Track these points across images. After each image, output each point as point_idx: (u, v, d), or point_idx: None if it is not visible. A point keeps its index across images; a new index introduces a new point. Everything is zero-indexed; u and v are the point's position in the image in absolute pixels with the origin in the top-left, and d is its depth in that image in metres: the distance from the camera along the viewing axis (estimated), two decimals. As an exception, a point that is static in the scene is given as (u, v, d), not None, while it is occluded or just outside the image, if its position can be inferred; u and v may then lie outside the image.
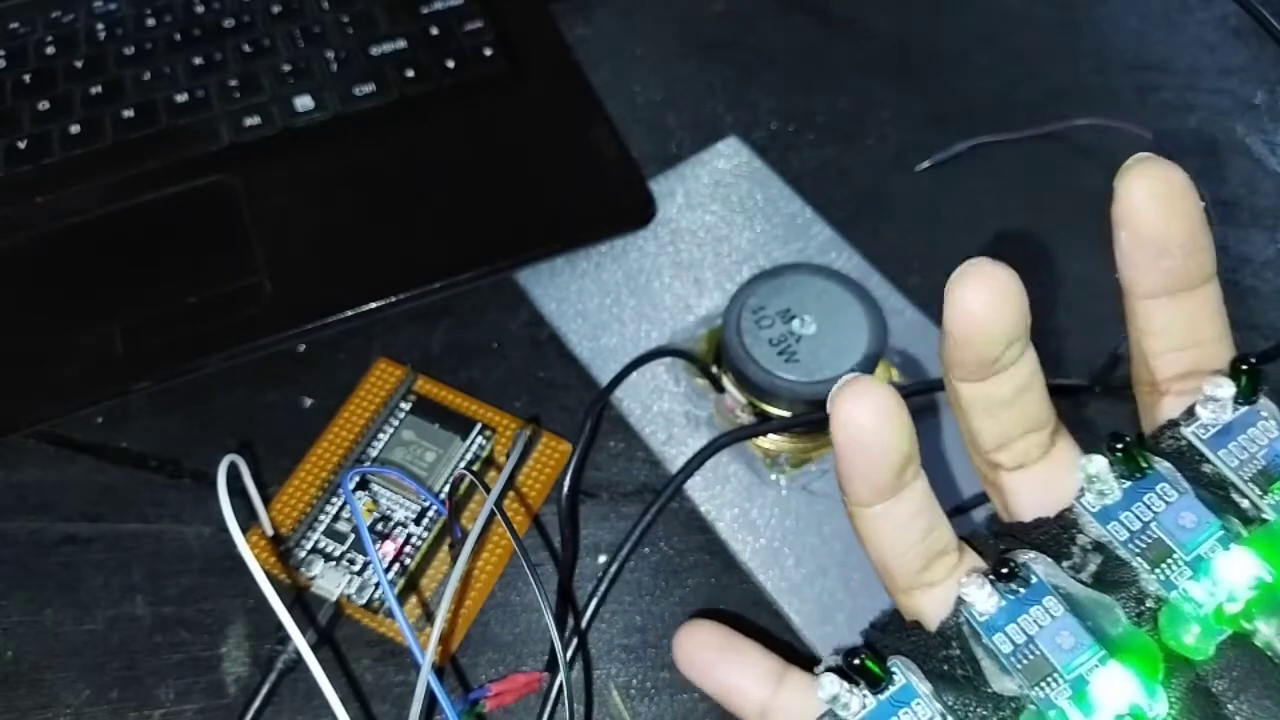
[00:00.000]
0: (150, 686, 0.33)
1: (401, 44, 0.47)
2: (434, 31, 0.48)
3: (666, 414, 0.38)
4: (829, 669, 0.22)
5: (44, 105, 0.46)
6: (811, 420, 0.36)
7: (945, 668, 0.22)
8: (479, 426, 0.37)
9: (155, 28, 0.48)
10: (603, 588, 0.34)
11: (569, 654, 0.33)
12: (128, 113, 0.45)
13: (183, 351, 0.39)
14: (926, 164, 0.45)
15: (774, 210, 0.43)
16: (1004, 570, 0.21)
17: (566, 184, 0.43)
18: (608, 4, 0.51)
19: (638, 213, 0.42)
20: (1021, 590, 0.22)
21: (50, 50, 0.48)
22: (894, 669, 0.22)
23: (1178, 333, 0.23)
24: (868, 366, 0.35)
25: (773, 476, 0.36)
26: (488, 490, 0.31)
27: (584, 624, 0.33)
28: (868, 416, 0.21)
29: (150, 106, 0.45)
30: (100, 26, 0.48)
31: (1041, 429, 0.23)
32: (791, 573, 0.35)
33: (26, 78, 0.47)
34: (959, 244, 0.42)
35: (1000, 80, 0.48)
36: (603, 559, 0.35)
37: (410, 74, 0.46)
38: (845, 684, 0.22)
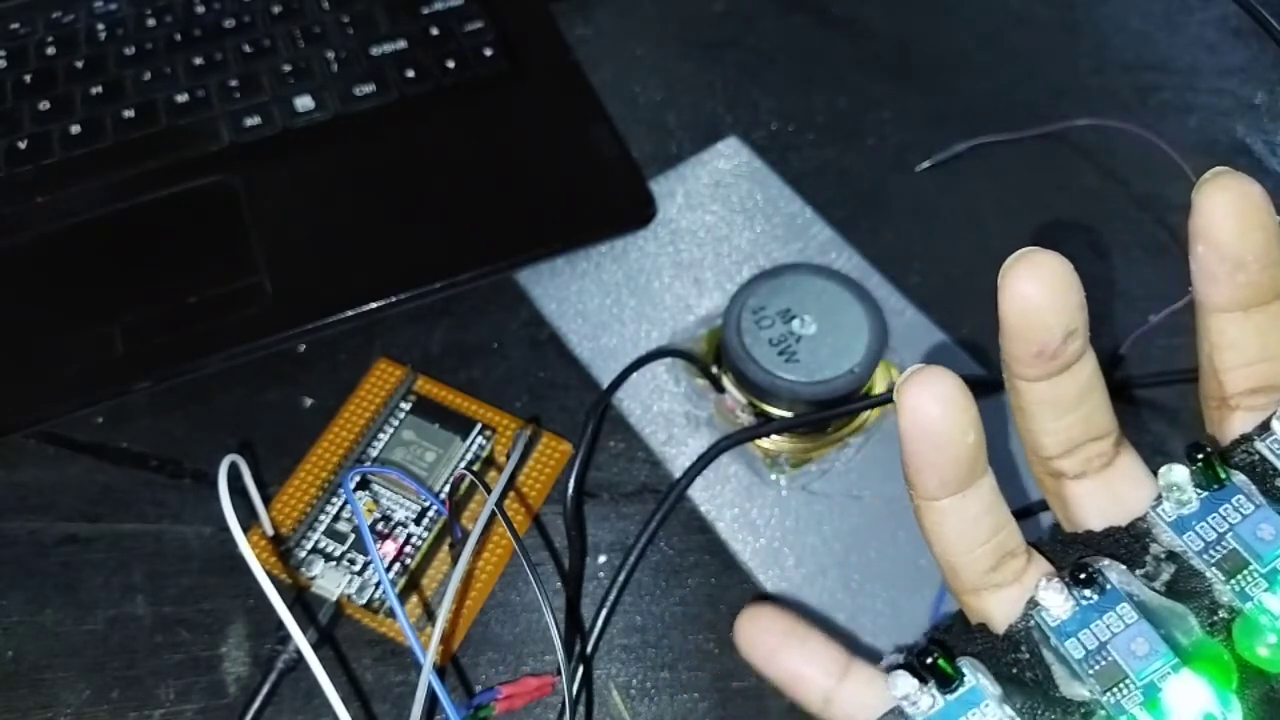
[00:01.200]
0: (150, 686, 0.33)
1: (402, 44, 0.47)
2: (434, 32, 0.48)
3: (667, 414, 0.38)
4: (899, 665, 0.22)
5: (44, 105, 0.46)
6: (812, 421, 0.36)
7: (1014, 671, 0.22)
8: (479, 426, 0.37)
9: (155, 28, 0.48)
10: (612, 595, 0.34)
11: (573, 661, 0.33)
12: (128, 113, 0.45)
13: (183, 351, 0.39)
14: (926, 164, 0.45)
15: (774, 210, 0.43)
16: (1081, 575, 0.21)
17: (567, 184, 0.43)
18: (608, 4, 0.51)
19: (638, 213, 0.42)
20: (1095, 597, 0.21)
21: (51, 50, 0.48)
22: (964, 669, 0.22)
23: (1250, 348, 0.23)
24: (868, 367, 0.35)
25: (773, 476, 0.36)
26: (488, 490, 0.31)
27: (590, 633, 0.33)
28: (935, 406, 0.21)
29: (150, 107, 0.45)
30: (101, 27, 0.48)
31: (1104, 437, 0.23)
32: (791, 573, 0.35)
33: (27, 78, 0.47)
34: (959, 244, 0.43)
35: (1000, 80, 0.48)
36: (603, 559, 0.35)
37: (410, 74, 0.46)
38: (916, 681, 0.22)
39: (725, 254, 0.42)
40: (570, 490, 0.35)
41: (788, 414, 0.36)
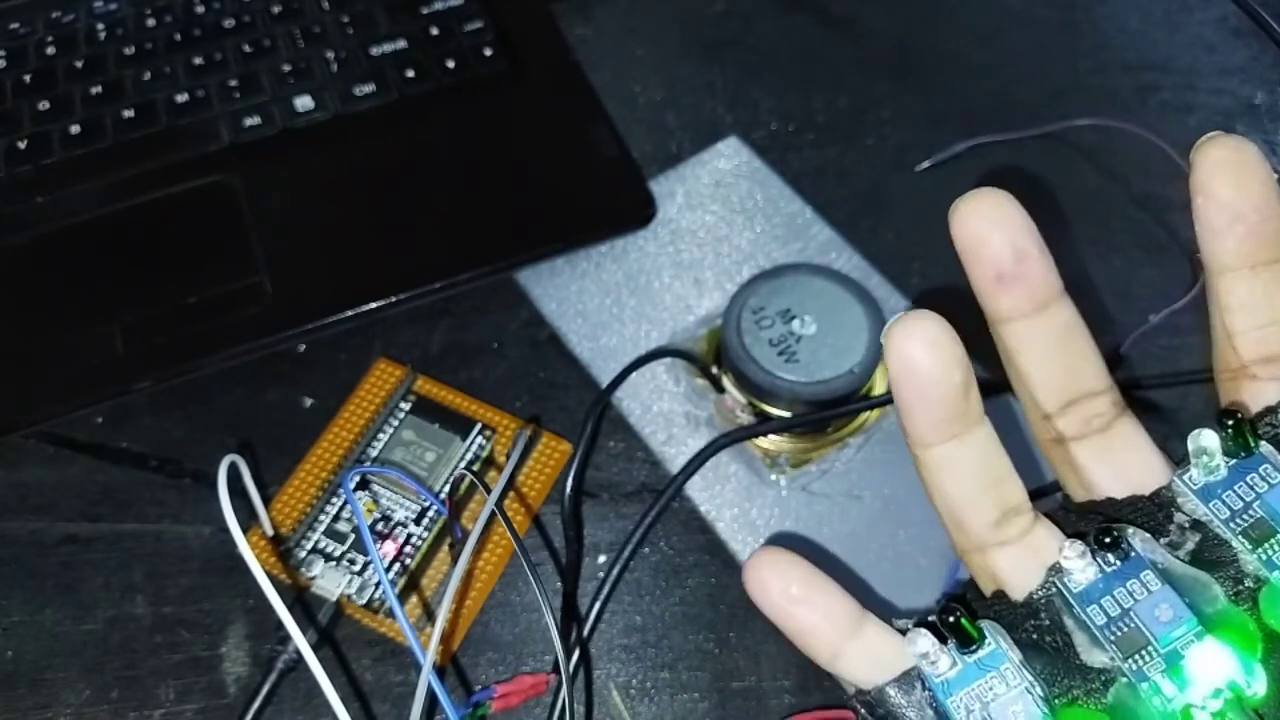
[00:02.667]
0: (150, 686, 0.33)
1: (402, 44, 0.47)
2: (434, 32, 0.48)
3: (666, 414, 0.38)
4: (921, 623, 0.22)
5: (44, 105, 0.46)
6: (812, 420, 0.36)
7: (1034, 637, 0.22)
8: (479, 426, 0.37)
9: (155, 28, 0.48)
10: (605, 590, 0.34)
11: (572, 660, 0.33)
12: (128, 113, 0.45)
13: (183, 351, 0.39)
14: (926, 164, 0.45)
15: (774, 210, 0.43)
16: (1107, 539, 0.21)
17: (566, 184, 0.43)
18: (608, 4, 0.51)
19: (638, 213, 0.42)
20: (1119, 563, 0.21)
21: (50, 50, 0.48)
22: (984, 631, 0.22)
23: (1260, 309, 0.23)
24: (868, 367, 0.35)
25: (773, 477, 0.36)
26: (488, 490, 0.31)
27: (586, 630, 0.34)
28: (919, 348, 0.22)
29: (150, 107, 0.45)
30: (100, 27, 0.48)
31: (1100, 394, 0.23)
32: None
33: (27, 78, 0.47)
34: (959, 244, 0.42)
35: (1000, 80, 0.48)
36: (603, 559, 0.35)
37: (410, 74, 0.46)
38: (935, 641, 0.21)
39: (725, 254, 0.42)
40: (568, 490, 0.35)
41: (787, 414, 0.36)
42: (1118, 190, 0.44)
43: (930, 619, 0.22)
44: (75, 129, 0.45)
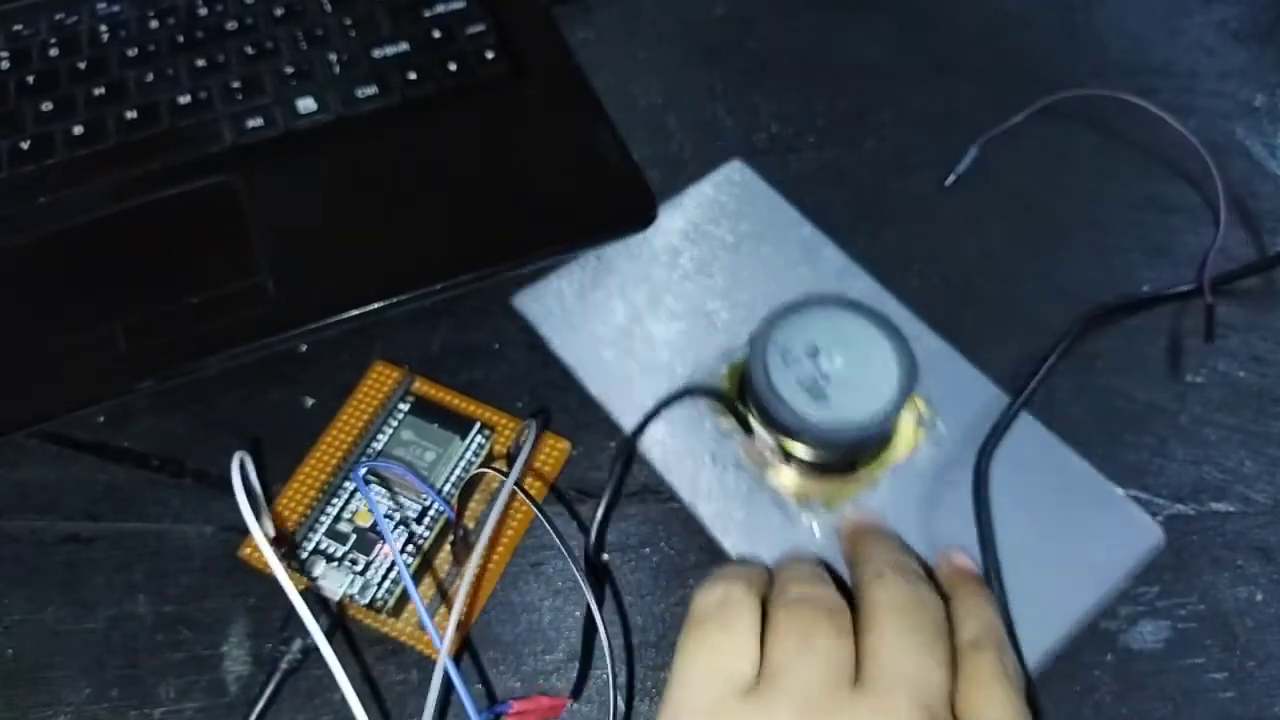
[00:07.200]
0: (151, 685, 0.33)
1: (404, 46, 0.48)
2: (436, 34, 0.48)
3: (692, 454, 0.37)
4: None
5: (47, 106, 0.46)
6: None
7: None
8: (478, 426, 0.37)
9: (158, 29, 0.48)
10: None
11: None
12: (130, 114, 0.45)
13: (185, 351, 0.39)
14: (952, 178, 0.44)
15: (782, 234, 0.42)
16: None
17: (567, 186, 0.44)
18: (609, 7, 0.52)
19: (639, 214, 0.43)
20: None
21: (54, 51, 0.48)
22: None
23: None
24: (899, 402, 0.34)
25: (805, 520, 0.35)
26: (504, 475, 0.31)
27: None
28: None
29: (153, 108, 0.45)
30: (103, 28, 0.49)
31: None
32: None
33: (30, 79, 0.47)
34: (959, 244, 0.43)
35: (1000, 81, 0.48)
36: (605, 558, 0.36)
37: (412, 76, 0.46)
38: None
39: (737, 282, 0.41)
40: (590, 544, 0.34)
41: (818, 454, 0.35)
42: (1118, 190, 0.44)
43: None
44: (78, 130, 0.45)
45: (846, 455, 0.35)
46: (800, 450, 0.35)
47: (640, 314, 0.40)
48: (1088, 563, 0.34)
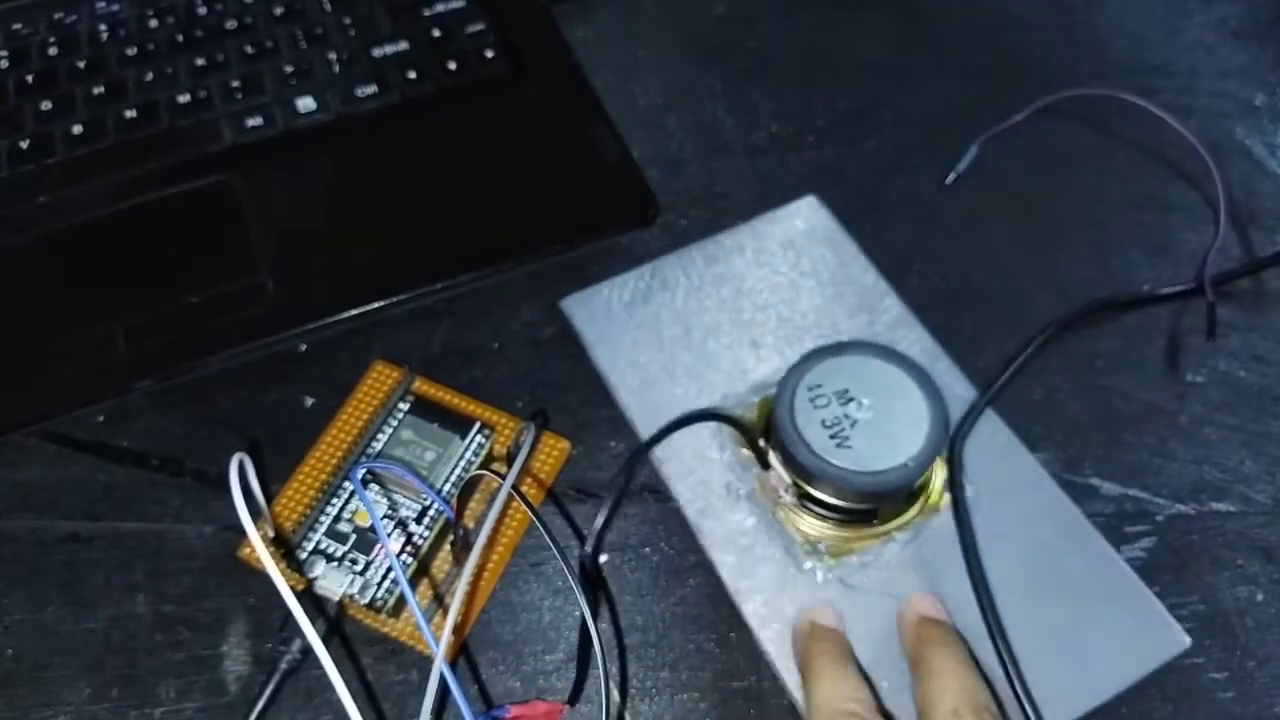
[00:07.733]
0: (151, 685, 0.33)
1: (403, 45, 0.48)
2: (436, 33, 0.48)
3: (706, 482, 0.36)
4: None
5: (46, 105, 0.46)
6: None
7: None
8: (478, 425, 0.37)
9: (158, 29, 0.48)
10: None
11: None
12: (130, 113, 0.45)
13: (184, 351, 0.39)
14: (952, 177, 0.44)
15: (846, 278, 0.41)
16: None
17: (567, 185, 0.44)
18: (609, 6, 0.51)
19: (639, 213, 0.43)
20: None
21: (53, 51, 0.48)
22: None
23: None
24: (924, 461, 0.33)
25: (808, 565, 0.34)
26: (501, 477, 0.31)
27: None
28: None
29: (152, 107, 0.45)
30: (103, 27, 0.49)
31: None
32: None
33: (29, 78, 0.47)
34: (959, 243, 0.43)
35: (1000, 81, 0.48)
36: (604, 558, 0.36)
37: (412, 75, 0.46)
38: None
39: (788, 318, 0.40)
40: (589, 546, 0.32)
41: (834, 500, 0.34)
42: (1118, 190, 0.44)
43: None
44: (77, 129, 0.45)
45: (862, 506, 0.34)
46: (815, 492, 0.34)
47: (685, 333, 0.40)
48: (1105, 663, 0.33)
